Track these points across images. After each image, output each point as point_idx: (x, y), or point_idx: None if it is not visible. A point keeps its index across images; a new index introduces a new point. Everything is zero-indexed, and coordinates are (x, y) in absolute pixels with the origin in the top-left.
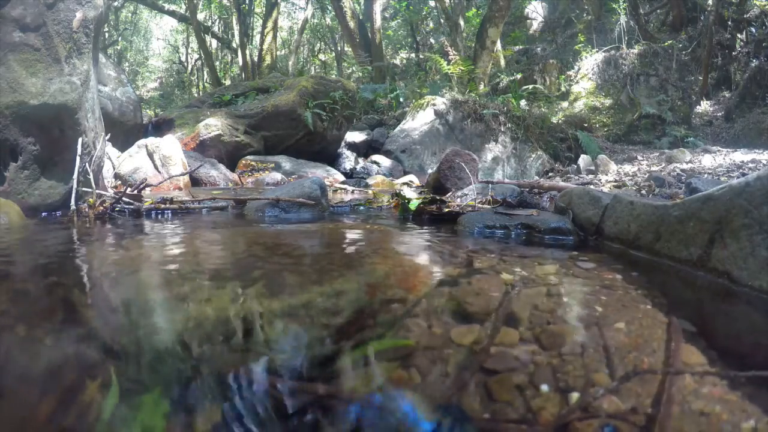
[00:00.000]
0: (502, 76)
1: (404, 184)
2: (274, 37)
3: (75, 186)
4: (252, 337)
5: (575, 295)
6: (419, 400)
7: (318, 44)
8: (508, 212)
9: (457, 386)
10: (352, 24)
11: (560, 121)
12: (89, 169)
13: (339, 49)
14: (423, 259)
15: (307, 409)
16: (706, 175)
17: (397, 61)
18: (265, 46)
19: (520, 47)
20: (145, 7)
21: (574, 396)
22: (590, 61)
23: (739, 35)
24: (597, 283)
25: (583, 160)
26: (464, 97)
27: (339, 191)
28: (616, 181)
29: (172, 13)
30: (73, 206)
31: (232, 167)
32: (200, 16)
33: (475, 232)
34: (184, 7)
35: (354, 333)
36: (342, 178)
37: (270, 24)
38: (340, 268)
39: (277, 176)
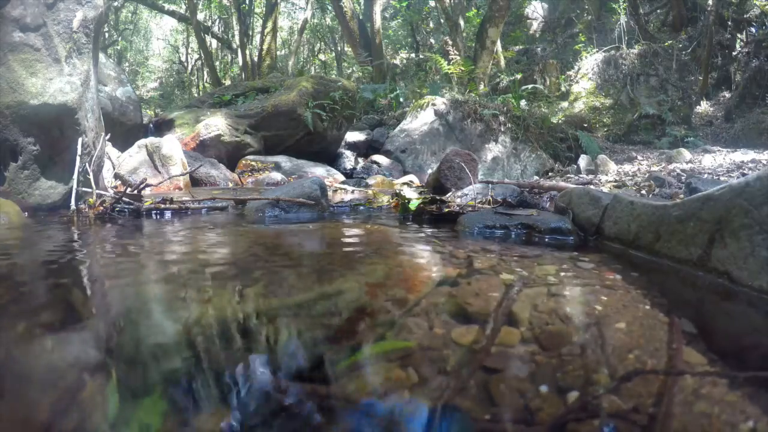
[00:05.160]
0: (502, 76)
1: (404, 184)
2: (274, 37)
3: (75, 186)
4: (252, 337)
5: (575, 295)
6: (419, 400)
7: (318, 44)
8: (508, 212)
9: (457, 386)
10: (352, 24)
11: (560, 121)
12: (89, 169)
13: (339, 49)
14: (423, 259)
15: (308, 409)
16: (706, 175)
17: (397, 61)
18: (265, 46)
19: (520, 47)
20: (145, 7)
21: (574, 396)
22: (590, 61)
23: (739, 35)
24: (597, 283)
25: (583, 160)
26: (464, 97)
27: (339, 191)
28: (616, 181)
29: (172, 13)
30: (73, 206)
31: (232, 167)
32: (200, 16)
33: (475, 232)
34: (184, 7)
35: (354, 333)
36: (342, 178)
37: (270, 24)
38: (340, 268)
39: (277, 176)
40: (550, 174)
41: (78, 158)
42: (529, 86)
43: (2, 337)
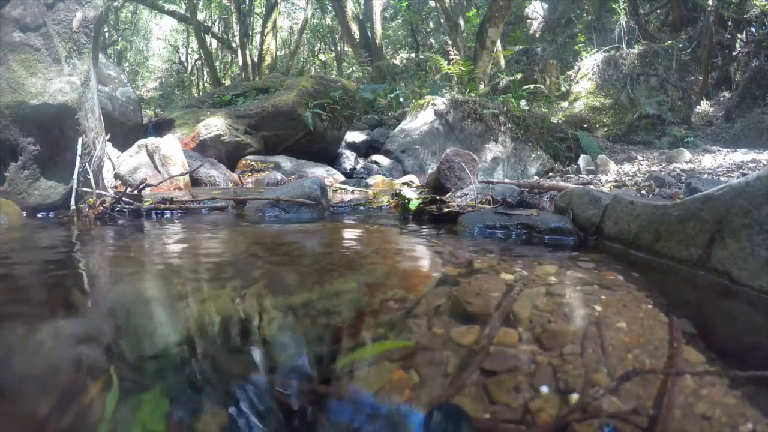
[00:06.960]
0: (502, 76)
1: (404, 184)
2: (274, 37)
3: (75, 186)
4: (252, 337)
5: (575, 295)
6: (419, 400)
7: (318, 44)
8: (508, 212)
9: (457, 387)
10: (352, 24)
11: (560, 121)
12: (89, 169)
13: (339, 49)
14: (423, 259)
15: (308, 409)
16: (706, 175)
17: (397, 61)
18: (265, 46)
19: (520, 47)
20: (145, 7)
21: (574, 396)
22: (590, 61)
23: (739, 35)
24: (597, 283)
25: (583, 160)
26: (464, 97)
27: (339, 191)
28: (616, 181)
29: (172, 13)
30: (73, 206)
31: (232, 167)
32: (200, 16)
33: (475, 232)
34: (184, 7)
35: (354, 333)
36: (342, 178)
37: (270, 24)
38: (340, 268)
39: (277, 176)
40: (550, 174)
41: (78, 158)
42: (531, 86)
43: (2, 337)
